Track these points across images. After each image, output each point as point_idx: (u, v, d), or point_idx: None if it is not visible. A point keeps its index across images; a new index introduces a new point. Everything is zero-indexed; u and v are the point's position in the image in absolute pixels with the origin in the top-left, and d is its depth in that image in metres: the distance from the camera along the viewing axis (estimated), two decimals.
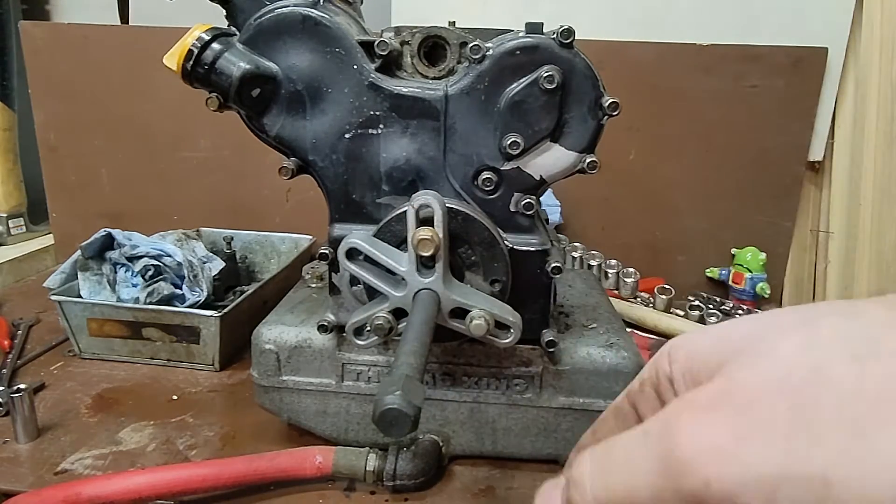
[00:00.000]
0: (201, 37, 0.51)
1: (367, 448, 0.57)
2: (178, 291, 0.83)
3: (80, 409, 0.70)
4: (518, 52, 0.50)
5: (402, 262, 0.48)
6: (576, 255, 1.01)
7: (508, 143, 0.51)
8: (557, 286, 0.61)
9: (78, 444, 0.63)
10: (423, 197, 0.48)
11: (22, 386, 0.63)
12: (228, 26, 0.56)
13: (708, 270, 1.14)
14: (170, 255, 0.85)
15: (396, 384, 0.33)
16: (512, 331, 0.48)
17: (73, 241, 0.99)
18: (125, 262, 0.83)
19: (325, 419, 0.61)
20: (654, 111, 1.07)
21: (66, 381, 0.76)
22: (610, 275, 1.00)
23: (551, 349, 0.56)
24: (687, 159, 1.10)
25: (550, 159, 0.52)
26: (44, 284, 0.87)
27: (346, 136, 0.54)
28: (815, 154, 1.10)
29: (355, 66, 0.53)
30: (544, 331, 0.56)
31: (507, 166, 0.53)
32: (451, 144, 0.53)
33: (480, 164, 0.53)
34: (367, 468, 0.55)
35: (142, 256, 0.83)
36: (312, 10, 0.52)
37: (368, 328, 0.49)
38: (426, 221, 0.47)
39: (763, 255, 1.08)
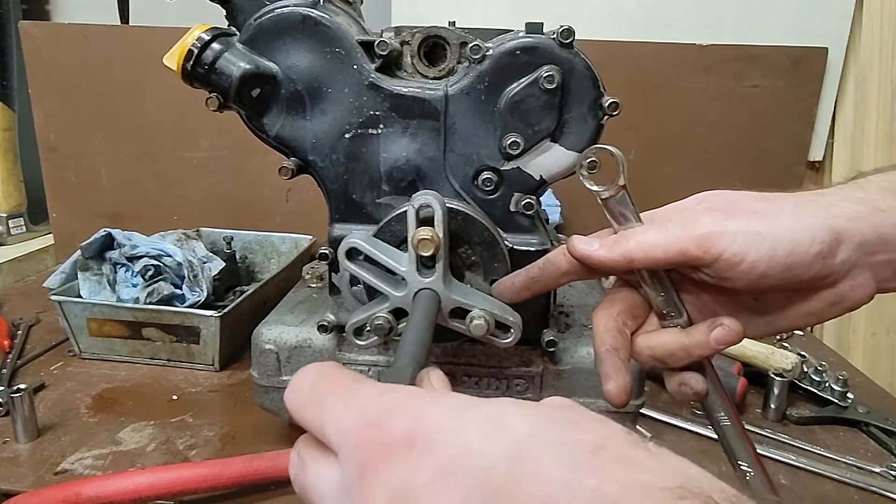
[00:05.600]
0: (201, 37, 0.51)
1: None
2: (178, 291, 0.83)
3: (80, 409, 0.70)
4: (518, 52, 0.50)
5: (402, 262, 0.48)
6: None
7: (508, 143, 0.51)
8: None
9: (78, 444, 0.63)
10: (423, 197, 0.48)
11: (22, 386, 0.63)
12: (228, 26, 0.56)
13: None
14: (170, 255, 0.85)
15: (396, 380, 0.33)
16: (512, 331, 0.48)
17: (73, 241, 0.99)
18: (125, 262, 0.83)
19: None
20: (654, 111, 1.07)
21: (66, 381, 0.76)
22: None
23: (551, 349, 0.56)
24: (687, 159, 1.10)
25: (550, 159, 0.52)
26: (44, 284, 0.87)
27: (346, 136, 0.54)
28: (815, 154, 1.10)
29: (355, 66, 0.53)
30: (544, 331, 0.56)
31: (507, 166, 0.53)
32: (451, 144, 0.53)
33: (480, 164, 0.53)
34: None
35: (142, 256, 0.83)
36: (312, 10, 0.52)
37: (368, 328, 0.49)
38: (426, 221, 0.47)
39: None
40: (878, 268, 0.36)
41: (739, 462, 0.39)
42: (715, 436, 0.67)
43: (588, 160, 0.40)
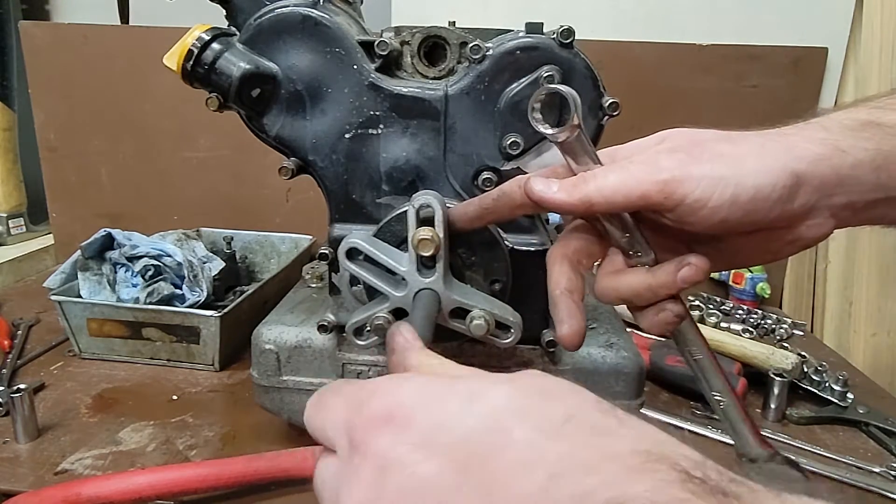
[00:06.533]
0: (201, 37, 0.51)
1: None
2: (178, 291, 0.83)
3: (80, 409, 0.70)
4: (518, 52, 0.50)
5: (402, 262, 0.48)
6: None
7: (508, 143, 0.51)
8: None
9: (78, 444, 0.63)
10: (424, 197, 0.48)
11: (22, 386, 0.63)
12: (228, 26, 0.56)
13: None
14: (170, 255, 0.85)
15: None
16: (512, 331, 0.48)
17: (73, 241, 0.99)
18: (125, 262, 0.83)
19: None
20: (655, 111, 1.07)
21: (66, 381, 0.76)
22: None
23: (552, 349, 0.56)
24: None
25: (550, 159, 0.52)
26: (44, 284, 0.87)
27: (346, 136, 0.54)
28: None
29: (355, 66, 0.53)
30: (545, 331, 0.56)
31: (507, 166, 0.53)
32: (451, 144, 0.53)
33: (480, 164, 0.53)
34: None
35: (142, 256, 0.83)
36: (312, 10, 0.52)
37: (368, 328, 0.49)
38: (426, 221, 0.47)
39: None
40: (836, 208, 0.36)
41: (714, 392, 0.39)
42: (715, 437, 0.68)
43: (538, 102, 0.38)
